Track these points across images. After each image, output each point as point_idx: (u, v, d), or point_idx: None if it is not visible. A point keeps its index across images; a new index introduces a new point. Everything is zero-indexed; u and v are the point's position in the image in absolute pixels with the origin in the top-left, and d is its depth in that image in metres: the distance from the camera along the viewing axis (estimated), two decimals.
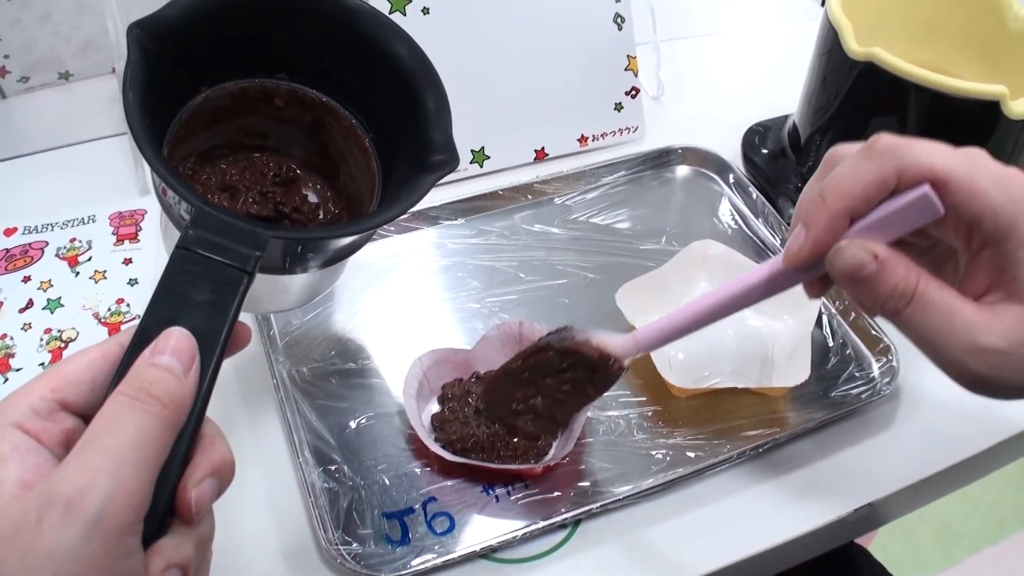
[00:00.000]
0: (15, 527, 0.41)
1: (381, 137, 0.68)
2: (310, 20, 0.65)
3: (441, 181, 0.62)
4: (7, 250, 0.88)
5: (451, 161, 0.62)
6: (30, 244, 0.88)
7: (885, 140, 0.50)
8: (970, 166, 0.48)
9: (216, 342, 0.48)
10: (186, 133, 0.64)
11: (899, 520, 0.79)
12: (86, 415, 0.47)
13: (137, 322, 0.48)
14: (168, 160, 0.61)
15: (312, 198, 0.71)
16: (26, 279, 0.85)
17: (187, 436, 0.46)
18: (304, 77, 0.68)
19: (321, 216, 0.71)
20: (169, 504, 0.46)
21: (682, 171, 0.99)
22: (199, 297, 0.49)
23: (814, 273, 0.53)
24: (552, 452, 0.71)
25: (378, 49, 0.66)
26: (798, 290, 0.76)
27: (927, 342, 0.50)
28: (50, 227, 0.90)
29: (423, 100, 0.64)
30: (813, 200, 0.51)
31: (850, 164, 0.50)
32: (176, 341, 0.47)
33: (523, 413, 0.66)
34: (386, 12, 0.88)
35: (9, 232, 0.90)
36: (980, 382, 0.49)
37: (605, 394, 0.74)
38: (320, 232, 0.66)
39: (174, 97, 0.63)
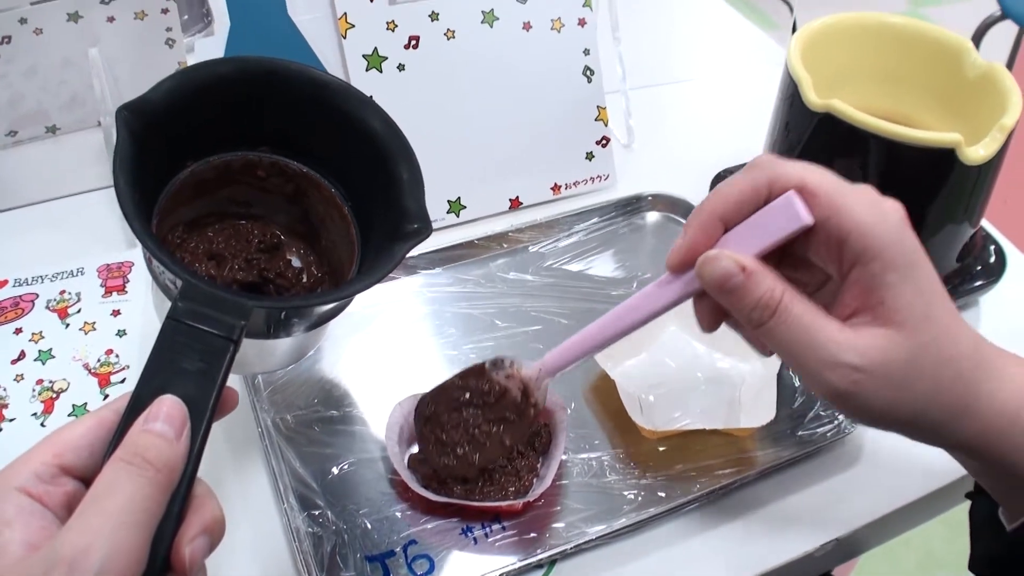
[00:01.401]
0: None
1: (359, 205, 0.70)
2: (287, 97, 0.68)
3: None
4: None
5: (424, 230, 0.65)
6: (21, 296, 0.91)
7: (764, 157, 0.54)
8: (841, 185, 0.52)
9: (205, 408, 0.51)
10: (173, 204, 0.67)
11: (882, 547, 0.82)
12: (85, 478, 0.49)
13: (128, 379, 0.51)
14: (158, 229, 0.64)
15: (295, 263, 0.74)
16: (17, 331, 0.87)
17: (180, 496, 0.49)
18: (285, 149, 0.71)
19: (304, 280, 0.73)
20: (165, 561, 0.48)
21: (652, 217, 1.02)
22: (189, 366, 0.51)
23: (693, 288, 0.56)
24: (534, 489, 0.73)
25: (353, 123, 0.68)
26: None
27: (790, 354, 0.53)
28: (40, 279, 0.92)
29: (397, 171, 0.67)
30: (693, 210, 0.55)
31: (730, 178, 0.55)
32: (168, 408, 0.49)
33: (445, 445, 0.71)
34: (363, 69, 0.92)
35: (0, 284, 0.92)
36: (840, 397, 0.52)
37: (579, 437, 0.77)
38: (300, 300, 0.69)
39: (161, 171, 0.66)
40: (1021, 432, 0.54)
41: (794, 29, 1.35)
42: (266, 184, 0.72)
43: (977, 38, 2.64)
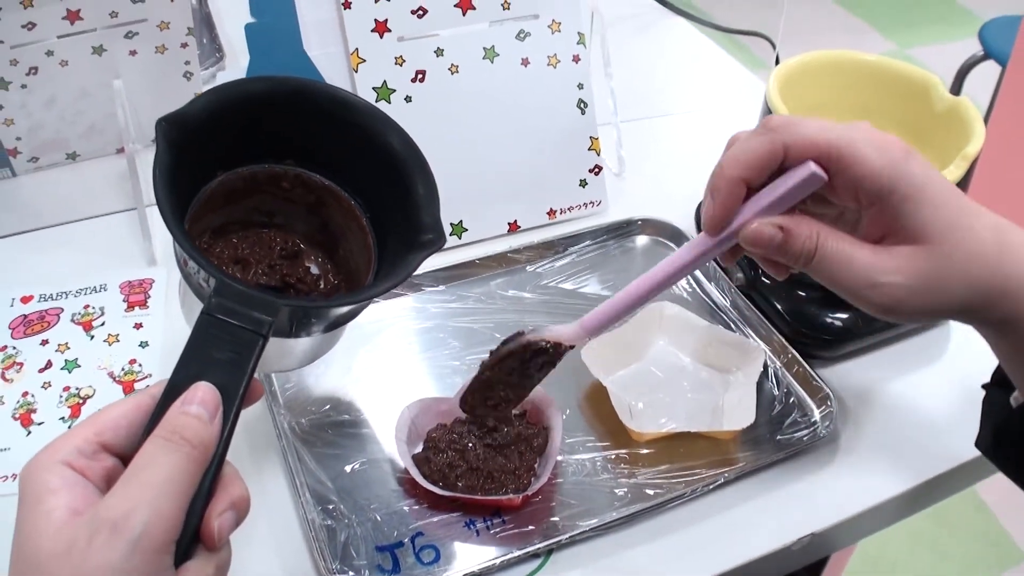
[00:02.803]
0: (67, 546, 0.48)
1: (377, 216, 0.75)
2: (314, 115, 0.72)
3: None
4: (25, 316, 0.95)
5: (438, 240, 0.69)
6: (46, 310, 0.96)
7: (777, 119, 0.60)
8: (851, 136, 0.58)
9: (236, 395, 0.55)
10: (203, 211, 0.71)
11: (869, 573, 0.86)
12: (123, 456, 0.54)
13: (162, 378, 0.56)
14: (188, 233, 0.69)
15: (314, 270, 0.78)
16: (44, 342, 0.92)
17: (211, 473, 0.53)
18: (309, 162, 0.75)
19: (322, 286, 0.77)
20: (195, 532, 0.52)
21: (641, 240, 1.07)
22: (221, 356, 0.56)
23: (727, 244, 0.62)
24: (531, 486, 0.78)
25: (374, 139, 0.73)
26: (748, 346, 0.85)
27: (835, 284, 0.60)
28: (64, 295, 0.97)
29: (414, 185, 0.71)
30: (715, 172, 0.61)
31: (745, 138, 0.61)
32: (203, 393, 0.54)
33: (498, 405, 0.75)
34: (372, 101, 0.97)
35: (26, 299, 0.97)
36: (886, 310, 0.60)
37: (574, 439, 0.82)
38: (324, 302, 0.73)
39: (194, 180, 0.70)
40: None
41: (777, 64, 1.41)
42: (290, 195, 0.76)
43: (960, 77, 2.70)
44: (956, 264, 0.59)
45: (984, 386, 0.71)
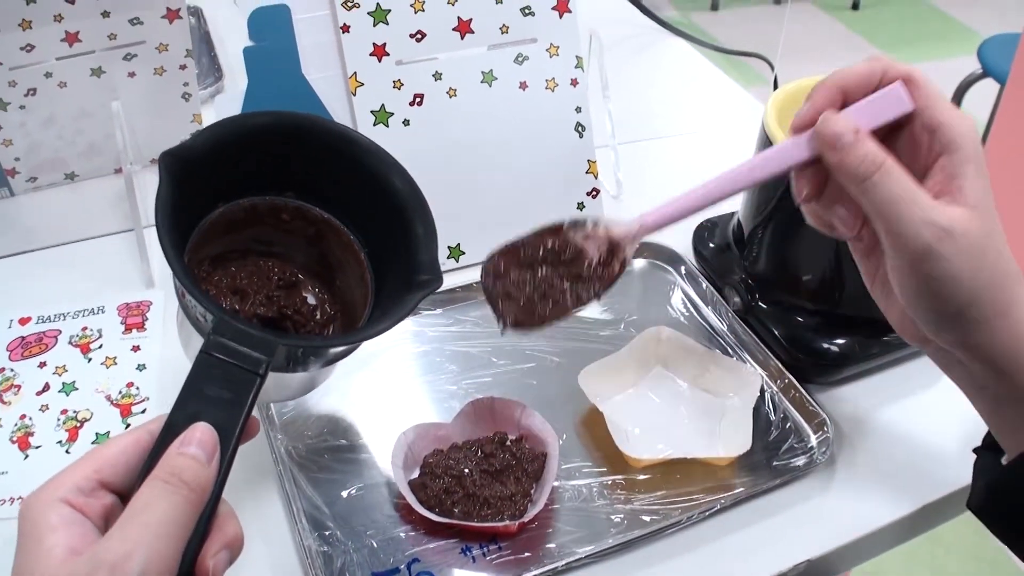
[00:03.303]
0: None
1: (375, 252, 0.75)
2: (318, 150, 0.72)
3: None
4: (23, 338, 0.95)
5: (435, 281, 0.70)
6: (44, 332, 0.96)
7: (879, 55, 0.63)
8: (935, 86, 0.61)
9: (232, 434, 0.56)
10: (203, 241, 0.71)
11: None
12: (121, 493, 0.55)
13: (149, 410, 0.56)
14: (187, 263, 0.69)
15: (311, 300, 0.78)
16: (42, 364, 0.92)
17: (207, 513, 0.54)
18: (309, 196, 0.75)
19: (318, 316, 0.78)
20: (190, 571, 0.53)
21: (639, 264, 1.07)
22: (218, 394, 0.56)
23: (808, 150, 0.62)
24: (527, 512, 0.78)
25: (377, 178, 0.73)
26: (744, 371, 0.85)
27: (889, 206, 0.59)
28: (62, 316, 0.97)
29: (414, 225, 0.72)
30: (817, 83, 0.63)
31: (850, 66, 0.63)
32: (201, 434, 0.55)
33: (512, 297, 0.68)
34: (370, 124, 0.98)
35: (24, 321, 0.97)
36: (926, 252, 0.58)
37: (570, 465, 0.82)
38: (321, 341, 0.74)
39: (195, 211, 0.70)
40: None
41: (775, 86, 1.42)
42: (289, 226, 0.76)
43: (959, 94, 2.71)
44: (992, 245, 0.59)
45: (975, 450, 0.71)
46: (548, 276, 0.68)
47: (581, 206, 1.09)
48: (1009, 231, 0.61)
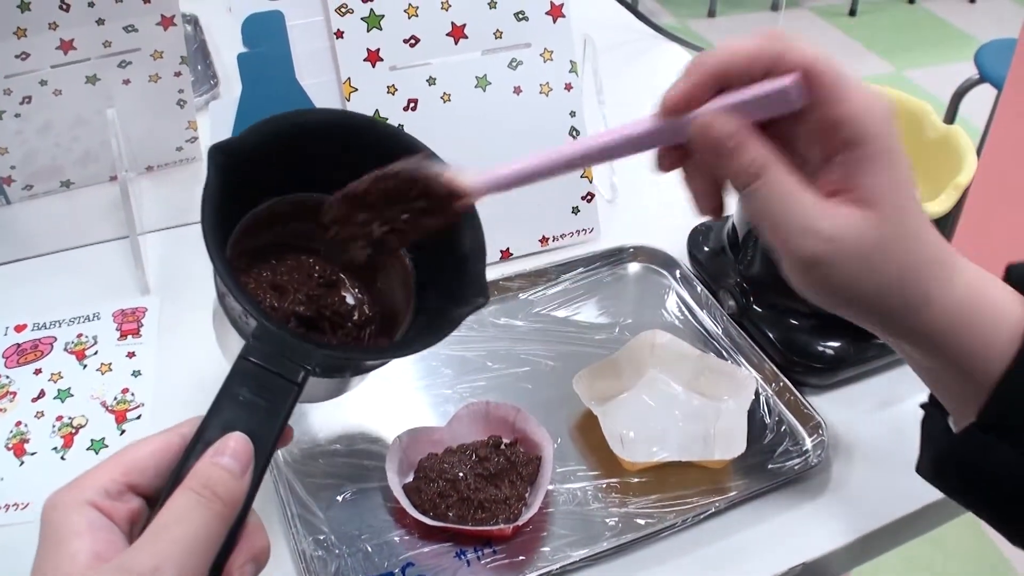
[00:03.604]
0: None
1: (420, 259, 0.73)
2: (371, 151, 0.68)
3: None
4: (18, 345, 0.95)
5: (483, 299, 0.67)
6: (39, 339, 0.96)
7: (779, 31, 0.54)
8: (842, 74, 0.53)
9: (267, 444, 0.54)
10: (245, 235, 0.70)
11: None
12: (149, 496, 0.53)
13: (144, 416, 0.55)
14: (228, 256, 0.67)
15: (349, 300, 0.76)
16: (37, 371, 0.92)
17: (237, 525, 0.53)
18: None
19: (355, 317, 0.76)
20: None
21: (634, 267, 1.07)
22: (255, 402, 0.55)
23: (674, 136, 0.55)
24: (522, 516, 0.78)
25: None
26: (739, 374, 0.85)
27: (768, 216, 0.54)
28: (58, 324, 0.98)
29: (463, 239, 0.70)
30: (695, 57, 0.55)
31: (741, 40, 0.54)
32: (235, 443, 0.53)
33: (358, 239, 0.64)
34: None
35: (20, 328, 0.97)
36: (809, 263, 0.54)
37: (565, 469, 0.82)
38: (361, 353, 0.72)
39: (238, 206, 0.69)
40: (976, 327, 0.56)
41: None
42: None
43: (956, 100, 2.71)
44: (896, 246, 0.54)
45: (923, 406, 0.66)
46: (390, 216, 0.63)
47: (576, 210, 1.09)
48: (1007, 233, 0.59)
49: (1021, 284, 0.58)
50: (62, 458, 0.85)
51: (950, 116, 2.71)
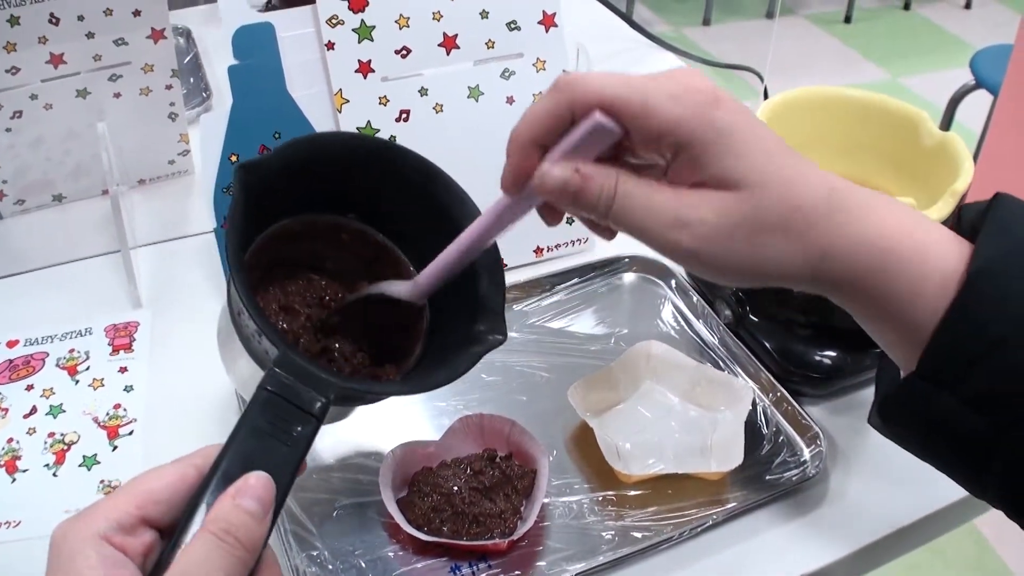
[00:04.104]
0: None
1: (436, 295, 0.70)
2: (391, 176, 0.70)
3: None
4: (10, 361, 0.95)
5: (500, 337, 0.66)
6: (31, 355, 0.95)
7: (565, 77, 0.55)
8: (644, 88, 0.53)
9: (284, 479, 0.53)
10: (258, 253, 0.69)
11: None
12: (163, 529, 0.52)
13: (136, 432, 0.53)
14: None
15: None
16: (29, 387, 0.92)
17: (254, 564, 0.51)
18: (372, 219, 0.72)
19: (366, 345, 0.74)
20: None
21: (629, 277, 1.07)
22: (273, 434, 0.53)
23: (530, 203, 0.58)
24: (517, 530, 0.78)
25: (447, 215, 0.70)
26: (736, 385, 0.85)
27: (638, 229, 0.55)
28: (50, 339, 0.97)
29: (480, 274, 0.69)
30: (510, 135, 0.57)
31: (537, 101, 0.56)
32: (256, 482, 0.51)
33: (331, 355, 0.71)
34: None
35: (11, 344, 0.97)
36: (691, 255, 0.54)
37: (560, 481, 0.81)
38: (381, 387, 0.70)
39: (257, 223, 0.68)
40: (894, 273, 0.54)
41: (765, 97, 1.42)
42: (347, 246, 0.73)
43: (952, 106, 2.71)
44: (772, 214, 0.53)
45: (878, 353, 0.63)
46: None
47: (570, 221, 1.08)
48: None
49: (972, 227, 0.55)
50: (54, 475, 0.84)
51: (946, 123, 2.71)
